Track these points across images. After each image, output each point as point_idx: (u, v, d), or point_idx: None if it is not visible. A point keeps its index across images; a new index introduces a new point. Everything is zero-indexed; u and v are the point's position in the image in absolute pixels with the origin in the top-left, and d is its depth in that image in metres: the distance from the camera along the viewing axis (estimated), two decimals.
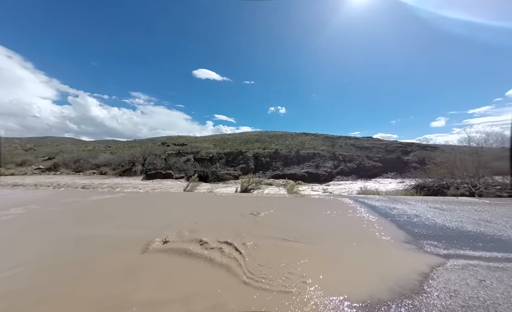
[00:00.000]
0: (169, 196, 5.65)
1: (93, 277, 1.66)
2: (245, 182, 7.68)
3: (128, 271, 1.74)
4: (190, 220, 3.13)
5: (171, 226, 2.83)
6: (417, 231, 2.72)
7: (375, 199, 5.15)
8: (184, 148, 26.75)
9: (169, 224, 2.91)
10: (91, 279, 1.64)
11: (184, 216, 3.34)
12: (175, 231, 2.63)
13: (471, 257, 1.99)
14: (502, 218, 3.40)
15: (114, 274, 1.70)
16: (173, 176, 16.39)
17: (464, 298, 1.40)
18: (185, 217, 3.32)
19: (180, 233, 2.54)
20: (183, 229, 2.70)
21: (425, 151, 24.01)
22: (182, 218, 3.21)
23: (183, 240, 2.33)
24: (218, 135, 46.64)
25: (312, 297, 1.40)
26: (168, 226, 2.83)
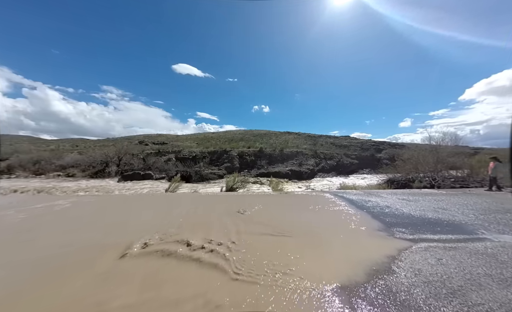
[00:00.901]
0: (149, 197, 5.35)
1: (67, 287, 1.51)
2: (230, 181, 7.62)
3: (105, 278, 1.62)
4: (173, 221, 3.02)
5: (153, 228, 2.70)
6: (388, 220, 3.02)
7: (352, 193, 5.55)
8: (164, 147, 25.40)
9: (150, 227, 2.77)
10: (66, 288, 1.49)
11: (167, 218, 3.21)
12: (157, 233, 2.52)
13: (431, 240, 2.29)
14: (455, 205, 3.96)
15: (90, 282, 1.57)
16: (153, 176, 15.50)
17: (426, 275, 1.61)
18: (167, 218, 3.19)
19: (163, 235, 2.44)
20: (166, 230, 2.60)
21: (394, 149, 26.52)
22: (164, 220, 3.08)
23: (166, 242, 2.25)
24: (201, 133, 45.19)
25: (298, 286, 1.48)
26: (149, 229, 2.70)
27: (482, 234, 2.46)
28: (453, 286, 1.47)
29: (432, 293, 1.40)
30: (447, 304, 1.29)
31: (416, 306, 1.28)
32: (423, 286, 1.48)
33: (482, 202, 4.20)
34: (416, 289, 1.44)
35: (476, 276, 1.59)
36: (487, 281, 1.53)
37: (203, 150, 23.80)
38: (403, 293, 1.41)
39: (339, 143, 33.31)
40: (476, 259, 1.85)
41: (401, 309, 1.27)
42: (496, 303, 1.30)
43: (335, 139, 36.00)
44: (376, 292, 1.42)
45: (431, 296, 1.37)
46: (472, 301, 1.32)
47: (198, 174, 15.90)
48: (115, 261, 1.88)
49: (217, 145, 26.72)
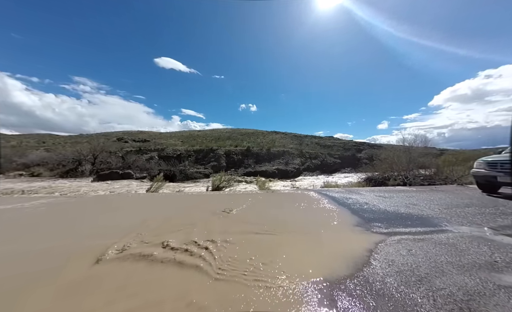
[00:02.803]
0: (128, 198, 5.03)
1: (36, 297, 1.36)
2: (217, 180, 7.50)
3: (74, 288, 1.49)
4: (154, 223, 2.88)
5: (132, 231, 2.55)
6: (366, 216, 3.23)
7: (335, 191, 5.82)
8: (146, 145, 24.05)
9: (128, 229, 2.61)
10: (34, 299, 1.34)
11: (147, 219, 3.06)
12: (137, 236, 2.38)
13: (403, 233, 2.50)
14: (423, 201, 4.36)
15: (55, 294, 1.43)
16: (133, 176, 14.62)
17: (398, 265, 1.75)
18: (148, 220, 3.03)
19: (143, 238, 2.32)
20: (146, 232, 2.48)
21: (373, 149, 28.37)
22: (145, 222, 2.93)
23: (146, 245, 2.14)
24: (187, 131, 43.63)
25: (283, 284, 1.51)
26: (127, 231, 2.54)
27: (445, 226, 2.74)
28: (421, 274, 1.62)
29: (403, 281, 1.52)
30: (416, 290, 1.42)
31: (389, 294, 1.39)
32: (396, 275, 1.61)
33: (446, 198, 4.69)
34: (390, 279, 1.56)
35: (440, 264, 1.77)
36: (449, 268, 1.71)
37: (189, 148, 23.06)
38: (378, 283, 1.52)
39: (323, 143, 34.65)
40: (440, 249, 2.06)
41: (376, 297, 1.36)
42: (455, 287, 1.46)
43: (319, 139, 37.37)
44: (355, 283, 1.51)
45: (402, 284, 1.50)
46: (436, 286, 1.47)
47: (183, 173, 15.38)
48: (88, 268, 1.74)
49: (203, 144, 26.09)
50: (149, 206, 4.02)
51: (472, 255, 1.93)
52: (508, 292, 1.41)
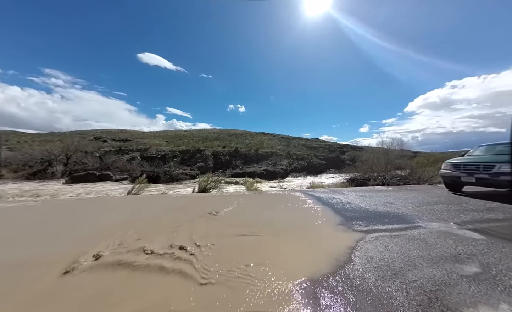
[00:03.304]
0: (106, 201, 4.70)
1: None
2: (204, 181, 7.32)
3: (40, 302, 1.35)
4: (135, 227, 2.72)
5: (108, 236, 2.38)
6: (348, 215, 3.38)
7: (320, 191, 6.01)
8: (127, 145, 22.68)
9: (104, 235, 2.44)
10: None
11: (126, 223, 2.88)
12: (113, 241, 2.23)
13: (381, 230, 2.66)
14: (399, 200, 4.70)
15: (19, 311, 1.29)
16: (113, 177, 13.70)
17: (376, 261, 1.86)
18: (127, 224, 2.86)
19: (122, 244, 2.18)
20: (125, 238, 2.33)
21: (355, 151, 29.91)
22: (124, 226, 2.76)
23: (124, 251, 2.01)
24: (172, 131, 42.02)
25: (268, 285, 1.52)
26: (103, 237, 2.37)
27: (417, 223, 2.97)
28: (396, 268, 1.74)
29: (380, 276, 1.62)
30: (391, 284, 1.52)
31: (367, 289, 1.47)
32: (374, 270, 1.70)
33: (418, 197, 5.10)
34: (368, 274, 1.65)
35: (412, 258, 1.92)
36: (420, 261, 1.85)
37: (174, 148, 22.25)
38: (358, 278, 1.59)
39: (310, 145, 35.68)
40: (413, 244, 2.22)
41: (356, 293, 1.43)
42: (425, 279, 1.59)
43: (306, 141, 38.42)
44: (337, 280, 1.57)
45: (379, 278, 1.59)
46: (409, 279, 1.59)
47: (168, 175, 14.77)
48: (55, 279, 1.59)
49: (189, 144, 25.35)
50: (129, 209, 3.79)
51: (440, 248, 2.12)
52: (469, 281, 1.57)
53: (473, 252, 2.04)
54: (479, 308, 1.29)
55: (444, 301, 1.34)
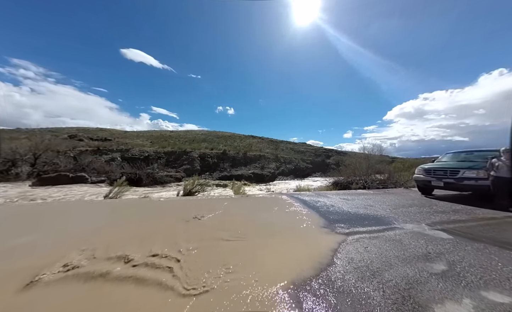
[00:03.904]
0: (78, 205, 4.32)
1: None
2: (189, 184, 7.09)
3: None
4: (111, 234, 2.54)
5: (80, 245, 2.19)
6: (332, 218, 3.49)
7: (306, 194, 6.15)
8: (107, 144, 21.21)
9: (76, 243, 2.23)
10: None
11: (102, 230, 2.68)
12: (85, 250, 2.06)
13: (361, 232, 2.78)
14: (378, 203, 4.98)
15: None
16: (88, 180, 12.70)
17: (356, 262, 1.93)
18: (103, 231, 2.66)
19: (95, 253, 2.01)
20: (99, 246, 2.16)
21: (340, 156, 31.26)
22: (99, 233, 2.56)
23: (97, 260, 1.86)
24: (157, 131, 40.27)
25: (252, 291, 1.49)
26: (74, 245, 2.17)
27: (394, 224, 3.16)
28: (374, 268, 1.82)
29: (360, 277, 1.68)
30: (369, 284, 1.59)
31: (348, 290, 1.51)
32: (354, 272, 1.77)
33: (395, 199, 5.45)
34: (349, 275, 1.71)
35: (389, 258, 2.03)
36: (395, 261, 1.97)
37: (159, 149, 21.34)
38: (339, 280, 1.64)
39: (297, 149, 36.52)
40: (389, 245, 2.36)
41: (337, 294, 1.46)
42: (400, 278, 1.68)
43: (294, 145, 39.29)
44: (319, 283, 1.60)
45: (359, 279, 1.65)
46: (386, 279, 1.67)
47: (151, 177, 14.08)
48: (12, 295, 1.41)
49: (175, 145, 24.51)
50: (106, 214, 3.52)
51: (413, 248, 2.27)
52: (437, 278, 1.70)
53: (441, 251, 2.21)
54: (445, 303, 1.39)
55: (416, 298, 1.43)
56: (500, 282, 1.65)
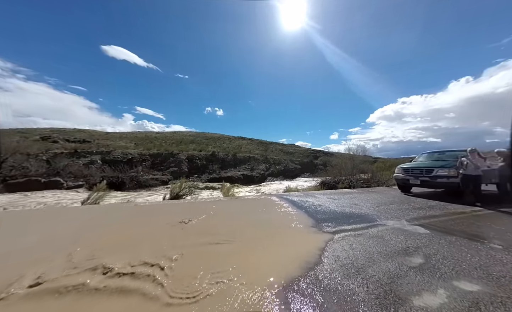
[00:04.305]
0: (52, 213, 3.97)
1: None
2: (176, 187, 6.85)
3: None
4: (89, 242, 2.36)
5: (55, 255, 2.01)
6: (319, 217, 3.58)
7: (295, 195, 6.25)
8: (85, 146, 19.80)
9: (50, 254, 2.05)
10: None
11: (80, 239, 2.48)
12: (60, 261, 1.89)
13: (347, 230, 2.88)
14: (362, 201, 5.20)
15: None
16: (64, 185, 11.75)
17: (342, 260, 1.99)
18: (80, 239, 2.46)
19: (72, 263, 1.85)
20: (75, 256, 2.00)
21: (327, 157, 32.30)
22: (76, 242, 2.37)
23: (75, 272, 1.72)
24: (142, 132, 38.44)
25: (240, 294, 1.47)
26: (47, 256, 1.99)
27: (376, 221, 3.32)
28: (358, 265, 1.89)
29: (345, 274, 1.74)
30: (354, 281, 1.64)
31: (334, 288, 1.55)
32: (340, 269, 1.82)
33: (378, 198, 5.74)
34: (335, 273, 1.75)
35: (372, 254, 2.12)
36: (378, 257, 2.06)
37: (144, 151, 20.41)
38: (326, 279, 1.67)
39: (286, 150, 37.04)
40: (373, 241, 2.46)
41: (324, 293, 1.49)
42: (382, 273, 1.76)
43: (283, 146, 39.80)
44: (307, 282, 1.62)
45: (344, 277, 1.70)
46: (369, 274, 1.74)
47: (135, 181, 13.41)
48: None
49: (162, 147, 23.61)
50: (83, 221, 3.27)
51: (394, 244, 2.40)
52: (415, 271, 1.80)
53: (418, 245, 2.36)
54: (423, 295, 1.48)
55: (397, 292, 1.51)
56: (469, 272, 1.80)
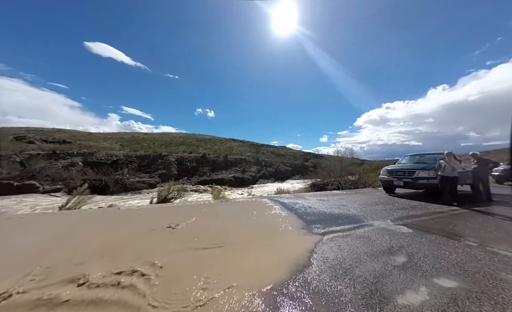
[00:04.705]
0: (25, 220, 3.64)
1: None
2: (164, 190, 6.62)
3: None
4: (66, 251, 2.19)
5: (26, 267, 1.83)
6: (309, 219, 3.62)
7: (285, 197, 6.29)
8: (65, 147, 18.57)
9: (20, 265, 1.87)
10: None
11: (55, 247, 2.30)
12: (34, 273, 1.73)
13: (335, 231, 2.94)
14: (350, 202, 5.36)
15: None
16: (40, 188, 10.92)
17: (330, 261, 2.01)
18: (56, 248, 2.28)
19: (46, 274, 1.70)
20: (52, 267, 1.84)
21: (317, 159, 33.01)
22: (51, 251, 2.19)
23: (48, 284, 1.58)
24: (129, 133, 36.84)
25: (229, 301, 1.43)
26: (18, 268, 1.81)
27: (363, 222, 3.42)
28: (346, 266, 1.93)
29: (333, 275, 1.76)
30: (342, 282, 1.66)
31: (323, 290, 1.56)
32: (328, 270, 1.84)
33: (364, 199, 5.94)
34: (323, 275, 1.77)
35: (359, 255, 2.17)
36: (364, 257, 2.11)
37: (130, 153, 19.57)
38: (315, 281, 1.68)
39: (277, 152, 37.36)
40: (360, 242, 2.53)
41: (312, 296, 1.50)
42: (368, 273, 1.81)
43: (274, 149, 40.11)
44: (296, 286, 1.61)
45: (332, 278, 1.72)
46: (356, 275, 1.77)
47: (120, 184, 12.79)
48: None
49: (149, 148, 22.80)
50: (61, 228, 3.03)
51: (379, 244, 2.48)
52: (399, 270, 1.87)
53: (402, 244, 2.46)
54: (406, 293, 1.54)
55: (382, 291, 1.55)
56: (447, 269, 1.90)
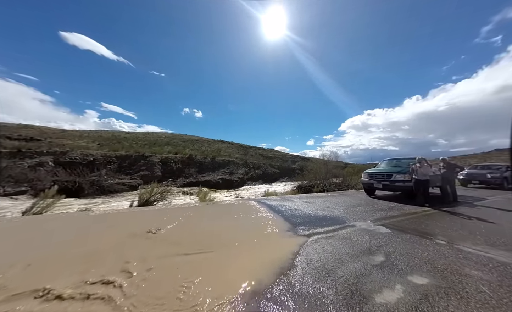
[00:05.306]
0: None
1: None
2: (146, 192, 6.27)
3: None
4: (28, 261, 1.96)
5: None
6: (295, 221, 3.66)
7: (272, 199, 6.32)
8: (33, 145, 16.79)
9: None
10: None
11: (16, 257, 2.04)
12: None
13: (319, 233, 3.00)
14: (334, 204, 5.55)
15: None
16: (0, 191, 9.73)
17: (314, 263, 2.05)
18: (17, 257, 2.03)
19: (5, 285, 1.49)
20: (13, 277, 1.62)
21: (304, 162, 33.86)
22: (9, 261, 1.93)
23: (7, 298, 1.38)
24: (108, 131, 34.49)
25: (211, 307, 1.37)
26: None
27: (346, 223, 3.55)
28: (329, 267, 1.97)
29: (317, 277, 1.78)
30: (324, 283, 1.69)
31: (306, 292, 1.57)
32: (312, 272, 1.86)
33: (347, 200, 6.19)
34: (307, 277, 1.78)
35: (341, 255, 2.24)
36: (346, 258, 2.18)
37: (109, 153, 18.32)
38: (299, 283, 1.69)
39: (266, 155, 37.62)
40: (342, 243, 2.61)
41: (296, 298, 1.50)
42: (349, 273, 1.86)
43: (263, 151, 40.35)
44: (280, 289, 1.61)
45: (315, 280, 1.75)
46: (338, 275, 1.82)
47: (96, 186, 11.88)
48: None
49: (131, 148, 21.58)
50: (23, 235, 2.71)
51: (360, 244, 2.58)
52: (377, 269, 1.96)
53: (380, 244, 2.59)
54: (383, 291, 1.61)
55: (361, 290, 1.61)
56: (420, 266, 2.04)
